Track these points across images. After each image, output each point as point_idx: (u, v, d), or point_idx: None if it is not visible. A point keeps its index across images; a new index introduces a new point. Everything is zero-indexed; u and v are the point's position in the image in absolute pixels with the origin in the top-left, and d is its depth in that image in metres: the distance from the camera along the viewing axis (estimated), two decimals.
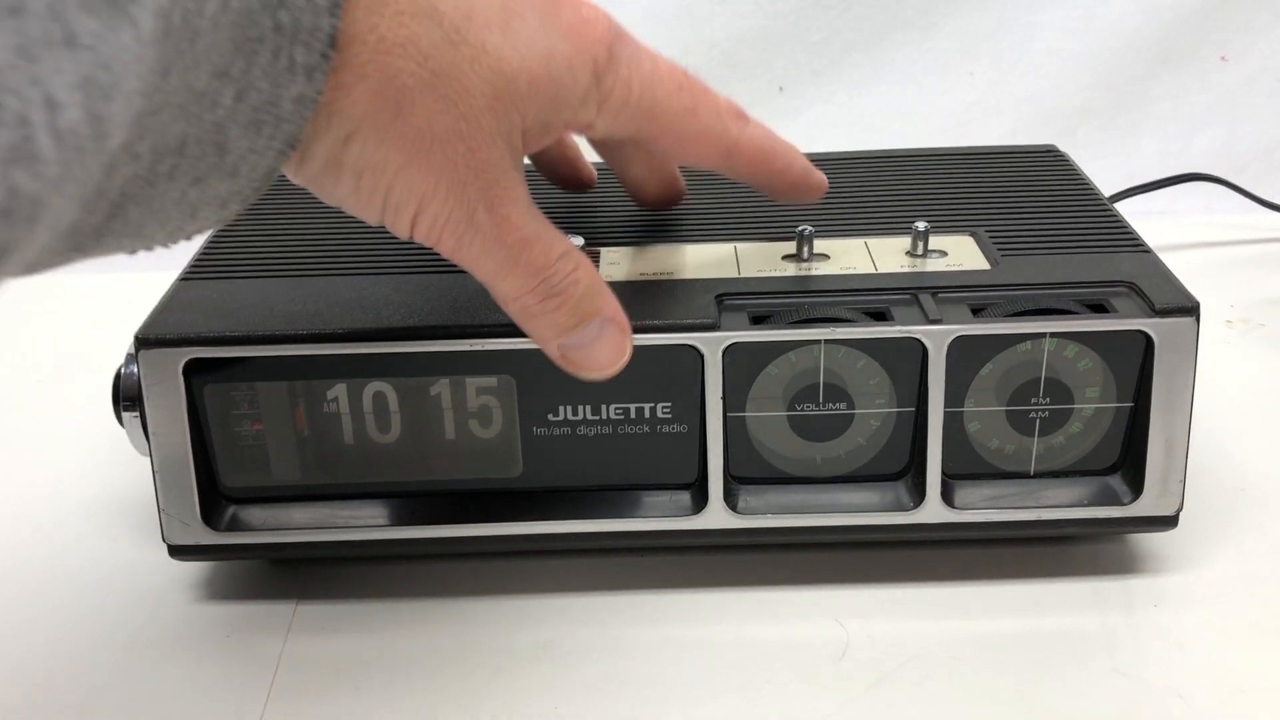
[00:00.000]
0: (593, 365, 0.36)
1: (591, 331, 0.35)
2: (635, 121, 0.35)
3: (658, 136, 0.36)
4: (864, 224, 0.45)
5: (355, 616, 0.41)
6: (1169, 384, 0.38)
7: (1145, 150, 0.75)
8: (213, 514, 0.40)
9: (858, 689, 0.37)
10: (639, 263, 0.43)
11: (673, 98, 0.36)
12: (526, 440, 0.40)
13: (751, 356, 0.39)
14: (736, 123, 0.38)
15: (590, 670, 0.38)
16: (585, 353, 0.36)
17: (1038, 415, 0.40)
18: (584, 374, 0.36)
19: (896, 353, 0.39)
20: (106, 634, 0.41)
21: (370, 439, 0.40)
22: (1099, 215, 0.46)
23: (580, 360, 0.36)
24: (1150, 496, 0.39)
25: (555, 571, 0.42)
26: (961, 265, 0.41)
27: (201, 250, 0.45)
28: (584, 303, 0.35)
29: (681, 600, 0.41)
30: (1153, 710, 0.36)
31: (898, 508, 0.40)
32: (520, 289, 0.34)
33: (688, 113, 0.36)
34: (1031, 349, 0.39)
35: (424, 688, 0.38)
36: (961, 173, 0.50)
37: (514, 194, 0.33)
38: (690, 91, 0.36)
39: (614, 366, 0.36)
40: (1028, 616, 0.40)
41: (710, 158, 0.38)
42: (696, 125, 0.36)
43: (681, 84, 0.36)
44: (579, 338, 0.35)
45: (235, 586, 0.43)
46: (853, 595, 0.41)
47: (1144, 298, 0.39)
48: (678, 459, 0.40)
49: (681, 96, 0.36)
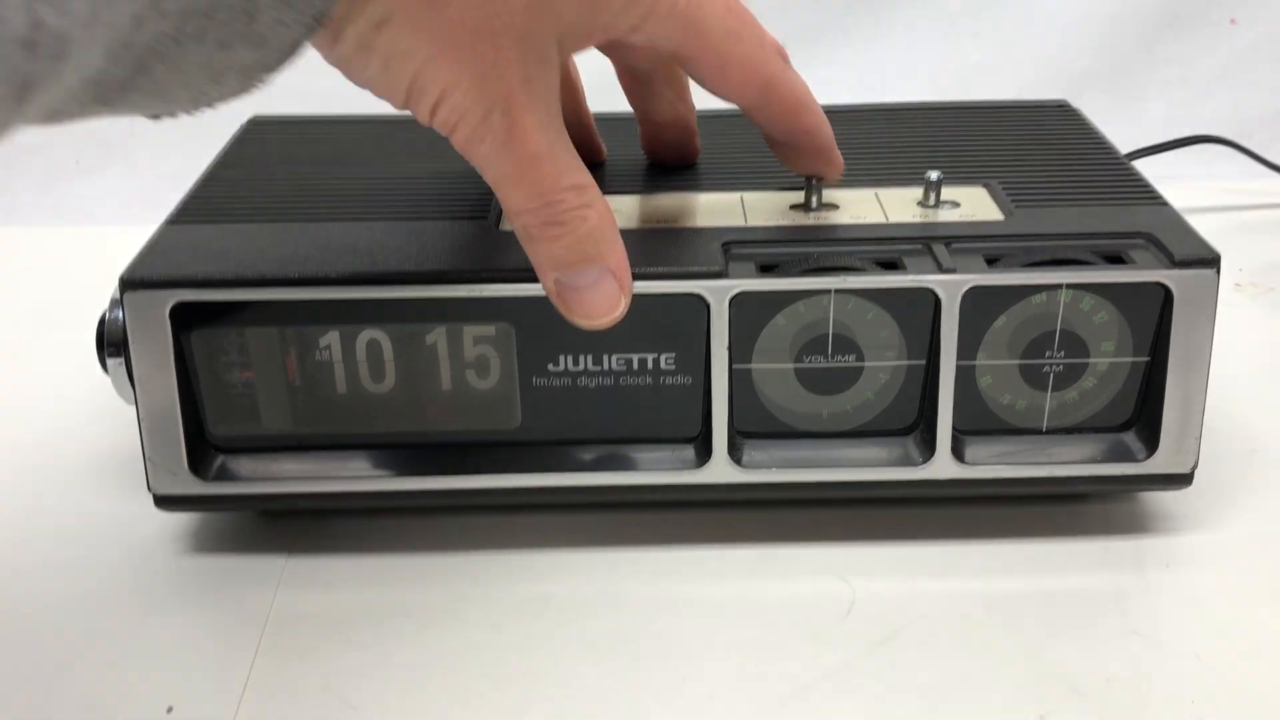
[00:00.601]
0: (581, 311, 0.35)
1: (589, 275, 0.34)
2: (679, 34, 0.35)
3: (698, 54, 0.36)
4: (874, 174, 0.44)
5: (347, 571, 0.40)
6: (1187, 338, 0.37)
7: (1151, 115, 0.74)
8: (200, 463, 0.39)
9: (863, 647, 0.36)
10: (643, 210, 0.41)
11: (720, 16, 0.35)
12: (525, 391, 0.39)
13: (759, 306, 0.38)
14: (779, 61, 0.37)
15: (589, 626, 0.37)
16: (578, 295, 0.35)
17: (1051, 369, 0.39)
18: (572, 317, 0.35)
19: (908, 303, 0.38)
20: (91, 587, 0.39)
21: (363, 388, 0.39)
22: (1114, 168, 0.44)
23: (571, 302, 0.35)
24: (1165, 453, 0.38)
25: (554, 526, 0.41)
26: (975, 216, 0.40)
27: (191, 194, 0.44)
28: (587, 243, 0.34)
29: (684, 556, 0.40)
30: (1169, 670, 0.35)
31: (907, 463, 0.39)
32: (523, 204, 0.33)
33: (732, 35, 0.36)
34: (1047, 301, 0.38)
35: (417, 643, 0.37)
36: (972, 125, 0.49)
37: (538, 103, 0.32)
38: (738, 15, 0.36)
39: (604, 319, 0.35)
40: (1038, 576, 0.39)
41: (747, 89, 0.37)
42: (739, 50, 0.36)
43: (730, 6, 0.36)
44: (575, 277, 0.34)
45: (223, 539, 0.41)
46: (859, 553, 0.40)
47: (1162, 249, 0.38)
48: (681, 412, 0.39)
49: (729, 18, 0.35)
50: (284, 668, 0.36)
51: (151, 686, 0.35)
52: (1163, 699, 0.34)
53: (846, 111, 0.51)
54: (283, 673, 0.36)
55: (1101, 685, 0.34)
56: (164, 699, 0.35)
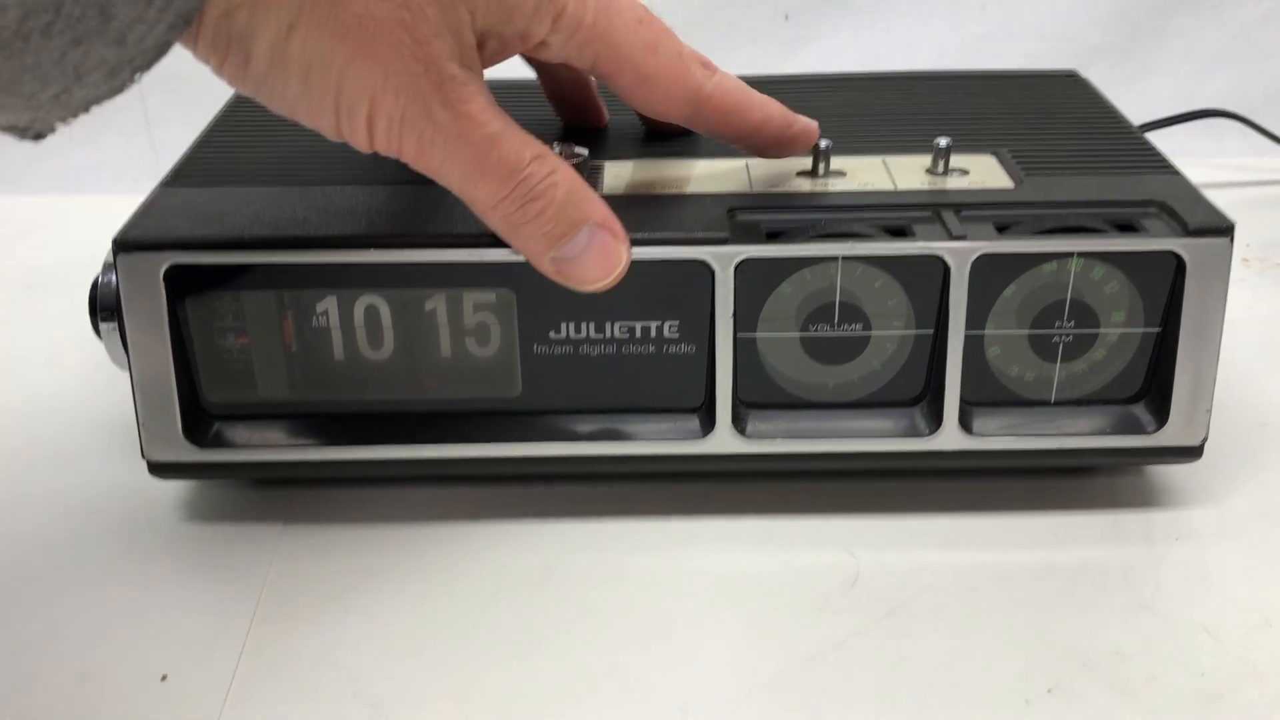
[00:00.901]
0: (588, 277, 0.34)
1: (582, 240, 0.34)
2: (591, 47, 0.34)
3: (616, 72, 0.35)
4: (881, 141, 0.43)
5: (344, 540, 0.39)
6: (1200, 308, 0.37)
7: (1158, 89, 0.73)
8: (195, 430, 0.38)
9: (869, 619, 0.36)
10: (645, 176, 0.41)
11: (631, 29, 0.34)
12: (526, 359, 0.38)
13: (765, 274, 0.37)
14: (702, 69, 0.36)
15: (590, 596, 0.37)
16: (579, 264, 0.34)
17: (1061, 340, 0.38)
18: (584, 286, 0.34)
19: (917, 271, 0.37)
20: (85, 556, 0.39)
21: (361, 355, 0.39)
22: (1125, 138, 0.44)
23: (574, 273, 0.34)
24: (1175, 426, 0.38)
25: (554, 497, 0.41)
26: (984, 184, 0.39)
27: (186, 156, 0.43)
28: (568, 208, 0.33)
29: (686, 528, 0.39)
30: (1177, 642, 0.34)
31: (913, 434, 0.38)
32: (495, 194, 0.32)
33: (647, 49, 0.34)
34: (1057, 270, 0.37)
35: (415, 612, 0.36)
36: (981, 95, 0.48)
37: (471, 90, 0.31)
38: (650, 28, 0.35)
39: (610, 276, 0.34)
40: (1045, 549, 0.38)
41: (674, 104, 0.36)
42: (656, 64, 0.35)
43: (641, 18, 0.34)
44: (569, 248, 0.34)
45: (219, 508, 0.41)
46: (864, 525, 0.39)
47: (1175, 218, 0.37)
48: (684, 381, 0.39)
49: (641, 30, 0.34)
50: (280, 636, 0.35)
51: (146, 655, 0.35)
52: (1170, 672, 0.33)
53: (853, 79, 0.50)
54: (279, 641, 0.35)
55: (1109, 658, 0.34)
56: (159, 667, 0.34)
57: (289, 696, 0.33)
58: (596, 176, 0.40)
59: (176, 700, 0.33)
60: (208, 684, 0.33)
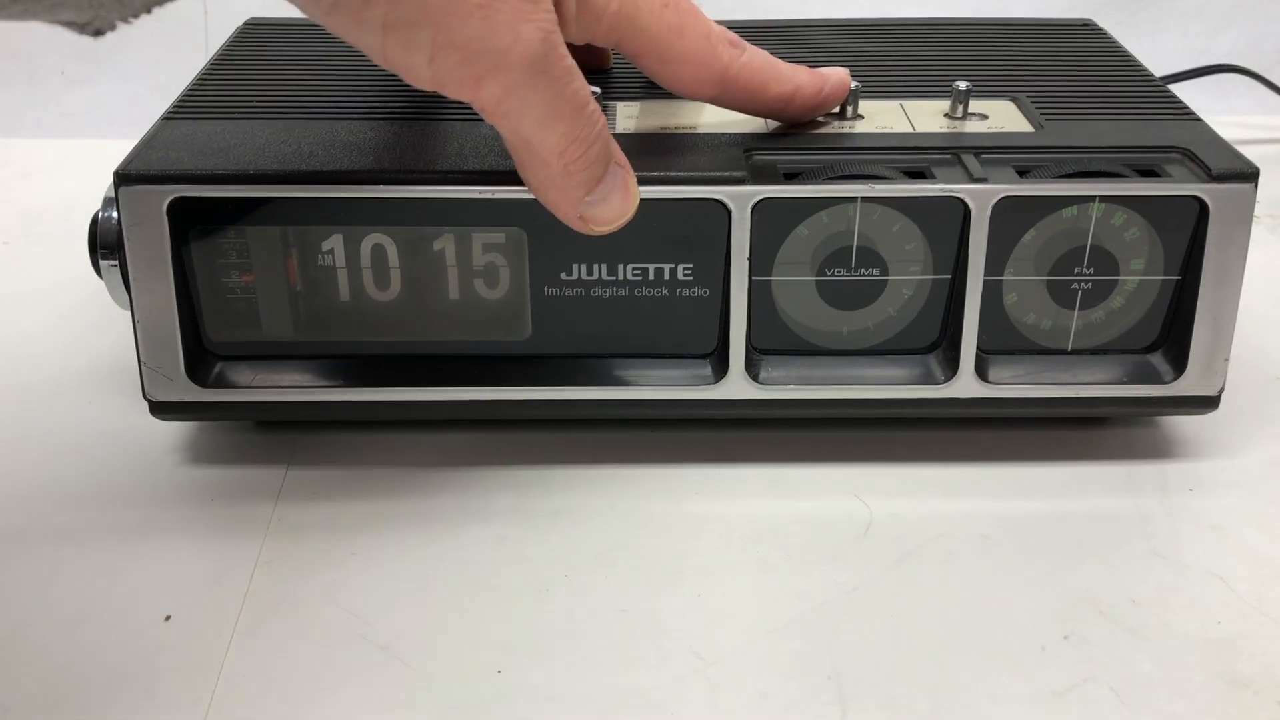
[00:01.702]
0: (608, 217, 0.33)
1: (609, 181, 0.33)
2: (616, 30, 0.33)
3: (641, 53, 0.34)
4: (899, 86, 0.42)
5: (349, 483, 0.39)
6: (1221, 255, 0.36)
7: (1167, 47, 0.73)
8: (198, 369, 0.38)
9: (881, 566, 0.35)
10: (659, 116, 0.40)
11: (657, 13, 0.33)
12: (536, 301, 0.38)
13: (782, 215, 0.36)
14: (729, 49, 0.35)
15: (601, 542, 0.36)
16: (604, 205, 0.33)
17: (1080, 286, 0.37)
18: (598, 230, 0.33)
19: (936, 214, 0.36)
20: (87, 499, 0.38)
21: (367, 296, 0.38)
22: (1144, 84, 0.43)
23: (597, 215, 0.33)
24: (1193, 375, 0.37)
25: (564, 442, 0.40)
26: (1004, 128, 0.39)
27: (189, 89, 0.42)
28: (608, 144, 0.32)
29: (698, 474, 0.39)
30: (1192, 591, 0.34)
31: (929, 381, 0.38)
32: (568, 134, 0.31)
33: (672, 31, 0.34)
34: (1078, 215, 0.36)
35: (422, 555, 0.36)
36: (998, 41, 0.47)
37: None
38: (676, 10, 0.34)
39: (627, 215, 0.34)
40: (1059, 498, 0.38)
41: (701, 85, 0.35)
42: (683, 46, 0.34)
43: (667, 1, 0.33)
44: (600, 192, 0.33)
45: (221, 450, 0.40)
46: (877, 473, 0.39)
47: (1199, 163, 0.36)
48: (698, 325, 0.38)
49: (666, 14, 0.33)
50: (285, 578, 0.35)
51: (150, 596, 0.34)
52: (1186, 620, 0.33)
53: (869, 25, 0.49)
54: (284, 583, 0.35)
55: (1125, 606, 0.33)
56: (162, 608, 0.34)
57: (295, 637, 0.33)
58: (609, 117, 0.39)
59: (180, 640, 0.33)
60: (212, 624, 0.33)
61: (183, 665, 0.32)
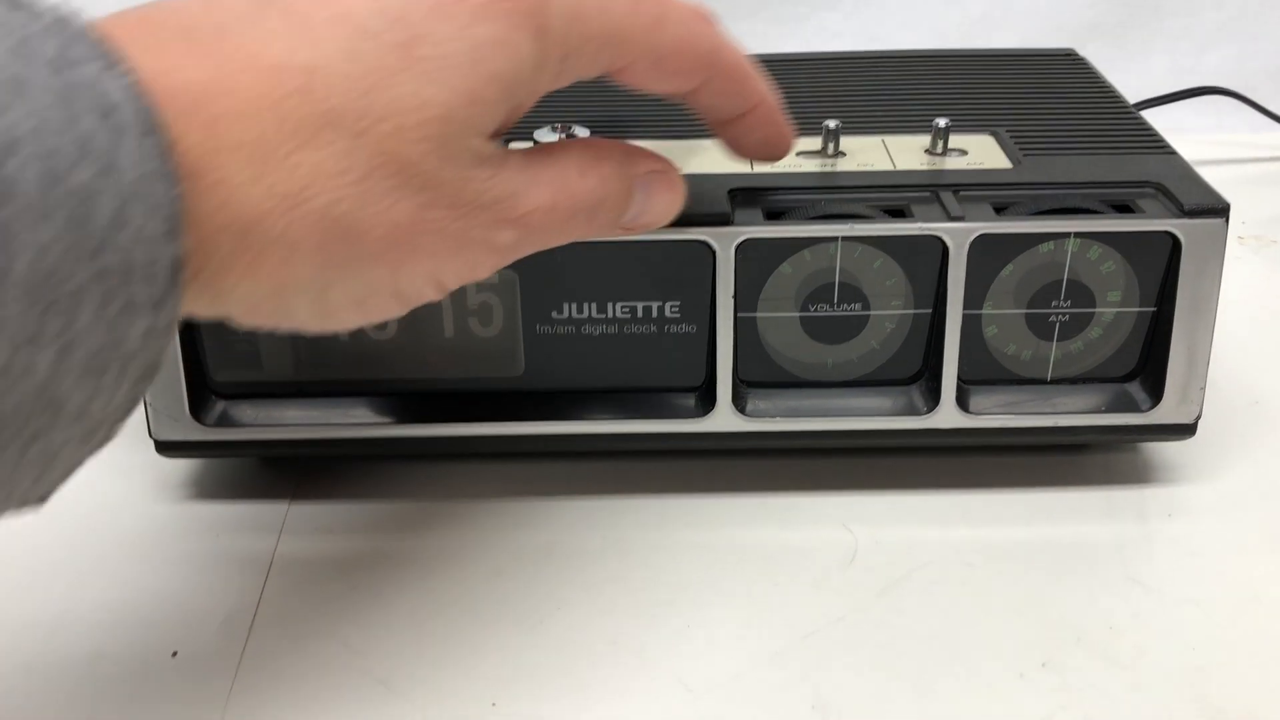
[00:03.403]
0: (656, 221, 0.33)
1: (639, 201, 0.32)
2: (603, 53, 0.30)
3: (632, 62, 0.31)
4: (880, 121, 0.43)
5: (350, 517, 0.40)
6: (1195, 288, 0.37)
7: (1155, 68, 0.74)
8: (201, 409, 0.39)
9: (866, 595, 0.36)
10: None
11: (635, 12, 0.30)
12: (529, 339, 0.39)
13: (765, 253, 0.37)
14: (709, 26, 0.32)
15: (593, 573, 0.37)
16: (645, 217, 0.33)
17: (1058, 319, 0.38)
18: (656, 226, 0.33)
19: (915, 251, 0.37)
20: (91, 535, 0.39)
21: (366, 334, 0.39)
22: (1122, 117, 0.44)
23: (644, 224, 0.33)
24: (1170, 403, 0.38)
25: (557, 474, 0.41)
26: (983, 164, 0.40)
27: None
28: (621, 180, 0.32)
29: (686, 505, 0.40)
30: (1168, 618, 0.35)
31: (911, 412, 0.39)
32: (585, 231, 0.31)
33: (655, 26, 0.30)
34: (1054, 250, 0.37)
35: (420, 589, 0.37)
36: (979, 74, 0.48)
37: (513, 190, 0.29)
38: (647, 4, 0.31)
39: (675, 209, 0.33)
40: (1040, 525, 0.39)
41: (689, 74, 0.32)
42: (666, 38, 0.31)
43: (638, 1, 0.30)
44: (634, 211, 0.32)
45: (225, 486, 0.41)
46: (862, 502, 0.40)
47: (1171, 198, 0.37)
48: (685, 360, 0.39)
49: (642, 8, 0.30)
50: (288, 613, 0.36)
51: (156, 632, 0.35)
52: (1163, 647, 0.34)
53: (851, 58, 0.50)
54: (287, 618, 0.36)
55: (1103, 633, 0.34)
56: (169, 644, 0.35)
57: (297, 671, 0.34)
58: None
59: (187, 677, 0.34)
60: (218, 661, 0.34)
61: (190, 700, 0.33)
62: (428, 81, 0.26)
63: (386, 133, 0.26)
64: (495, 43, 0.27)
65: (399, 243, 0.27)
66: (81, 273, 0.22)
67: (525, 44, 0.27)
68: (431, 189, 0.27)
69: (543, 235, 0.30)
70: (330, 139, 0.25)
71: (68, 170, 0.21)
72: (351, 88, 0.26)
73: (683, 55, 0.32)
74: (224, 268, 0.25)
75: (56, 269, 0.21)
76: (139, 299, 0.23)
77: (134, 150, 0.22)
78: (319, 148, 0.25)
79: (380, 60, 0.26)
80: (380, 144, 0.26)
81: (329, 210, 0.26)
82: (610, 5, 0.30)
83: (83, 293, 0.22)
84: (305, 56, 0.25)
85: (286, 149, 0.25)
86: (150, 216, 0.23)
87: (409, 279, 0.28)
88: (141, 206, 0.22)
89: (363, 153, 0.26)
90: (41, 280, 0.21)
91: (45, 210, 0.21)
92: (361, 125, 0.26)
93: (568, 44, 0.29)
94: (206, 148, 0.24)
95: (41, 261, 0.21)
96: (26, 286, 0.21)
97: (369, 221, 0.26)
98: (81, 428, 0.23)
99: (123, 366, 0.23)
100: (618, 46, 0.30)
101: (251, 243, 0.25)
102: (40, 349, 0.22)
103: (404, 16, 0.26)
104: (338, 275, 0.27)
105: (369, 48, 0.26)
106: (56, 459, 0.24)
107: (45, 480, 0.24)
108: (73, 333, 0.22)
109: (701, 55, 0.32)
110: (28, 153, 0.21)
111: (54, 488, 0.24)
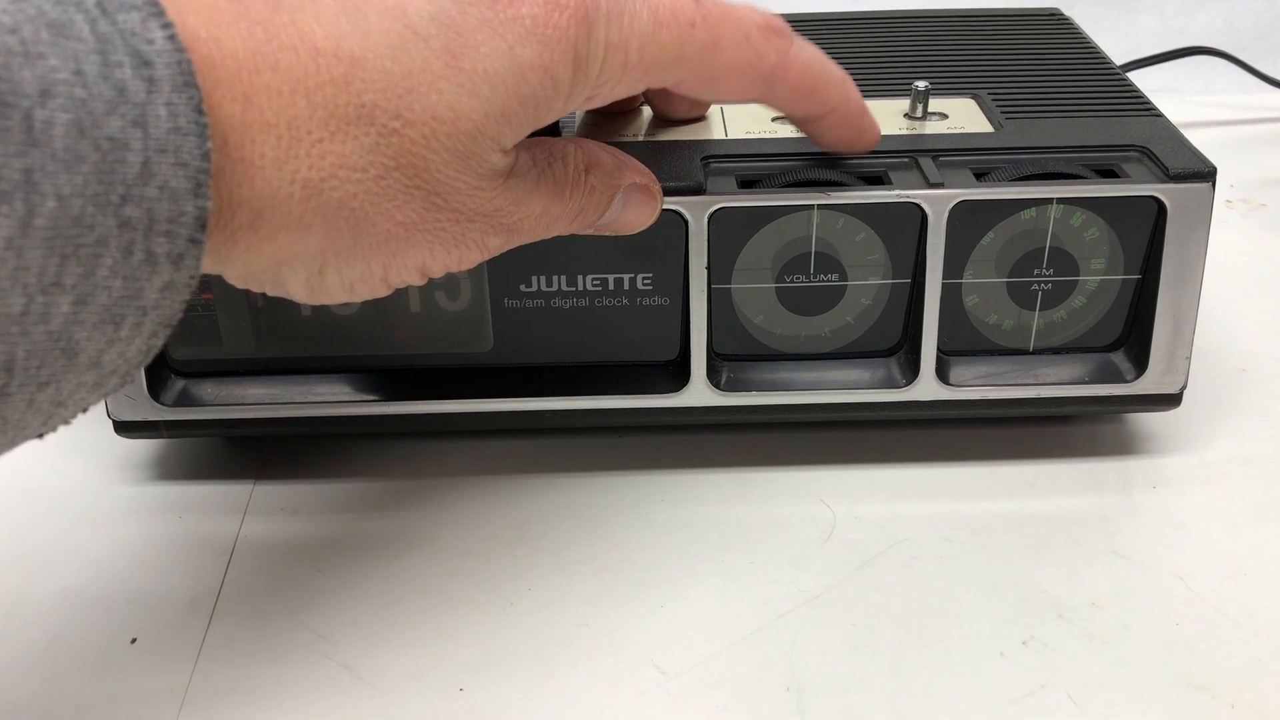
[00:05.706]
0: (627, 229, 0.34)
1: (616, 207, 0.33)
2: (648, 77, 0.30)
3: (680, 83, 0.31)
4: (860, 85, 0.42)
5: (315, 497, 0.39)
6: (1180, 254, 0.36)
7: (1144, 26, 0.72)
8: (160, 388, 0.38)
9: (845, 571, 0.35)
10: (616, 124, 0.40)
11: (686, 39, 0.29)
12: (497, 313, 0.38)
13: (739, 223, 0.36)
14: (775, 43, 0.32)
15: (565, 553, 0.36)
16: (618, 223, 0.33)
17: (1040, 287, 0.37)
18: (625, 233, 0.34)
19: (893, 220, 0.36)
20: (49, 517, 0.38)
21: (329, 310, 0.38)
22: (1107, 79, 0.43)
23: (614, 229, 0.34)
24: (1154, 373, 0.37)
25: (528, 452, 0.40)
26: (963, 128, 0.39)
27: None
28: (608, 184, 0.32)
29: (661, 481, 0.39)
30: (1152, 591, 0.34)
31: (890, 384, 0.38)
32: (567, 226, 0.32)
33: (709, 50, 0.30)
34: (1036, 217, 0.36)
35: (389, 570, 0.36)
36: (961, 34, 0.47)
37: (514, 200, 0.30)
38: (707, 24, 0.30)
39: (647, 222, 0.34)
40: (1022, 498, 0.38)
41: (747, 91, 0.32)
42: (722, 61, 0.30)
43: (694, 19, 0.30)
44: (610, 215, 0.33)
45: (189, 466, 0.40)
46: (840, 476, 0.39)
47: (1157, 162, 0.36)
48: (658, 334, 0.38)
49: (695, 33, 0.30)
50: (251, 597, 0.35)
51: (115, 618, 0.34)
52: (1146, 621, 0.33)
53: (830, 19, 0.49)
54: (250, 602, 0.35)
55: (1084, 609, 0.34)
56: (128, 630, 0.34)
57: (260, 657, 0.33)
58: (569, 122, 0.39)
59: (146, 663, 0.33)
60: (178, 647, 0.33)
61: (148, 689, 0.32)
62: (466, 94, 0.27)
63: (415, 137, 0.26)
64: (537, 67, 0.27)
65: (399, 238, 0.28)
66: (104, 223, 0.22)
67: (564, 72, 0.28)
68: (442, 194, 0.28)
69: (528, 237, 0.31)
70: (359, 133, 0.26)
71: (99, 119, 0.22)
72: (391, 86, 0.26)
73: (739, 75, 0.32)
74: (232, 239, 0.25)
75: (80, 218, 0.22)
76: (159, 252, 0.23)
77: (167, 103, 0.22)
78: (347, 140, 0.26)
79: (425, 64, 0.26)
80: (407, 146, 0.26)
81: (345, 202, 0.26)
82: (661, 30, 0.29)
83: (104, 243, 0.22)
84: (351, 46, 0.26)
85: (315, 136, 0.25)
86: (178, 171, 0.23)
87: (399, 268, 0.29)
88: (170, 160, 0.23)
89: (388, 151, 0.26)
90: (64, 229, 0.21)
91: (73, 159, 0.21)
92: (393, 125, 0.26)
93: (605, 74, 0.29)
94: (240, 120, 0.24)
95: (65, 210, 0.21)
96: (48, 234, 0.21)
97: (378, 216, 0.27)
98: (94, 376, 0.24)
99: (139, 319, 0.23)
100: (664, 71, 0.30)
101: (264, 222, 0.25)
102: (58, 296, 0.22)
103: (455, 24, 0.27)
104: (336, 260, 0.28)
105: (416, 49, 0.26)
106: (66, 404, 0.24)
107: (51, 422, 0.24)
108: (92, 282, 0.22)
109: (760, 74, 0.32)
110: (61, 100, 0.21)
111: (57, 428, 0.25)
